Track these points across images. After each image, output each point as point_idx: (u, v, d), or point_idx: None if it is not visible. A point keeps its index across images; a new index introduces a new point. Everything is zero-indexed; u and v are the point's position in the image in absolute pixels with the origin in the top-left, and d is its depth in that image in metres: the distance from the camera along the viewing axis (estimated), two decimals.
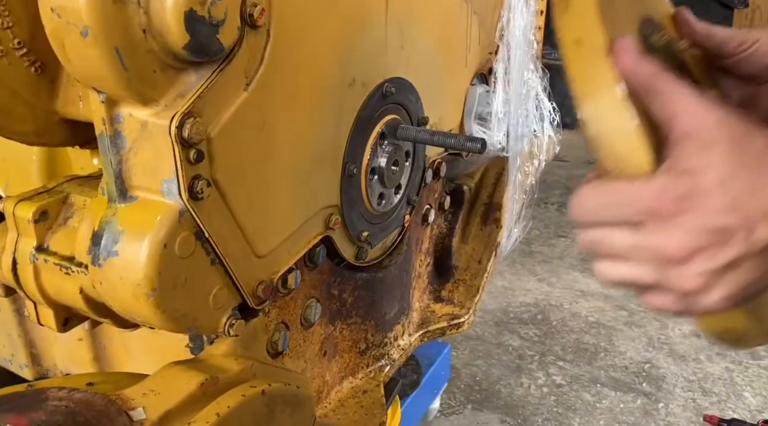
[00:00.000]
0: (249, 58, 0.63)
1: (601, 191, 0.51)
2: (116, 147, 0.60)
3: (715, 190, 0.48)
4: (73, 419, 0.58)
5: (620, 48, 0.52)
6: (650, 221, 0.49)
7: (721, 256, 0.48)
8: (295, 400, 0.69)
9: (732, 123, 0.49)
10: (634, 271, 0.51)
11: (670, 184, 0.48)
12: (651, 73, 0.51)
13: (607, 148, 0.53)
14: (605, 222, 0.52)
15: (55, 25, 0.53)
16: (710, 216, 0.48)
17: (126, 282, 0.60)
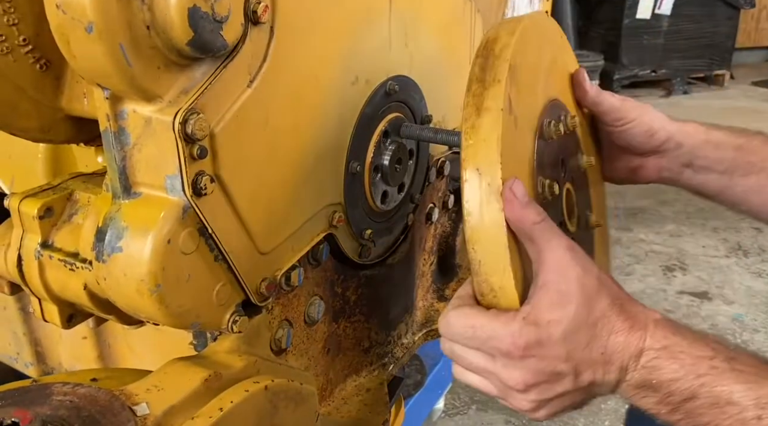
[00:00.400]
0: (252, 54, 0.63)
1: (467, 320, 0.61)
2: (120, 143, 0.61)
3: (558, 343, 0.58)
4: (77, 414, 0.58)
5: (509, 195, 0.59)
6: (501, 358, 0.60)
7: (551, 392, 0.61)
8: (298, 396, 0.70)
9: (586, 282, 0.60)
10: (482, 385, 0.64)
11: (524, 332, 0.58)
12: (532, 222, 0.59)
13: (484, 278, 0.61)
14: (466, 344, 0.62)
15: (60, 21, 0.53)
16: (549, 363, 0.59)
17: (130, 278, 0.61)
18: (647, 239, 3.47)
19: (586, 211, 0.87)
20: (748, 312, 2.82)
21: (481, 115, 0.62)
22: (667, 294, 2.96)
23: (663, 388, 0.58)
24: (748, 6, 6.42)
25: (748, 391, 0.55)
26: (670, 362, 0.58)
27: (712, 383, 0.57)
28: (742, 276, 3.10)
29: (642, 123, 0.86)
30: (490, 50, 0.67)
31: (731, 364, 0.57)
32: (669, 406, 0.59)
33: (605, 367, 0.60)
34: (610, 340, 0.59)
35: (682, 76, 6.44)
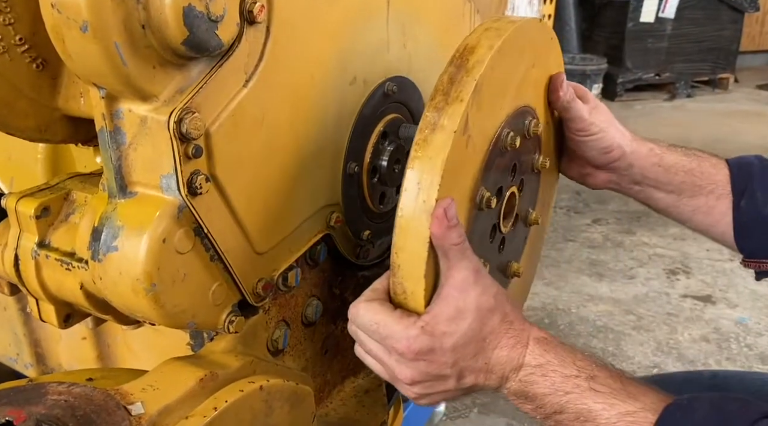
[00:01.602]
0: (248, 54, 0.63)
1: (374, 316, 0.68)
2: (116, 142, 0.61)
3: (447, 352, 0.66)
4: (72, 413, 0.58)
5: (440, 213, 0.64)
6: (395, 354, 0.67)
7: (433, 389, 0.69)
8: (294, 397, 0.69)
9: (483, 301, 0.67)
10: (377, 368, 0.71)
11: (419, 340, 0.65)
12: (451, 243, 0.65)
13: (399, 281, 0.68)
14: (368, 335, 0.69)
15: (55, 20, 0.54)
16: (437, 367, 0.67)
17: (125, 277, 0.61)
18: (650, 242, 3.46)
19: (529, 208, 0.89)
20: (752, 315, 2.81)
21: (436, 132, 0.65)
22: (670, 297, 2.95)
23: (537, 399, 0.67)
24: (753, 9, 6.41)
25: (602, 411, 0.64)
26: (543, 379, 0.66)
27: (575, 400, 0.65)
28: (746, 280, 3.08)
29: (601, 139, 0.90)
30: (464, 61, 0.68)
31: (590, 384, 0.65)
32: (542, 414, 0.68)
33: (486, 375, 0.68)
34: (494, 354, 0.68)
35: (686, 79, 6.43)
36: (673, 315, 2.81)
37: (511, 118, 0.76)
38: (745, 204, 0.91)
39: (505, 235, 0.84)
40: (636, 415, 0.63)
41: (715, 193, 0.92)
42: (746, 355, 2.55)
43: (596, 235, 3.54)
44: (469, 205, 0.72)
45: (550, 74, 0.86)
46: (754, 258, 0.93)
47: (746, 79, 7.10)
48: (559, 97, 0.86)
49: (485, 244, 0.79)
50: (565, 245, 3.45)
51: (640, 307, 2.87)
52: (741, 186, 0.91)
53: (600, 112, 0.91)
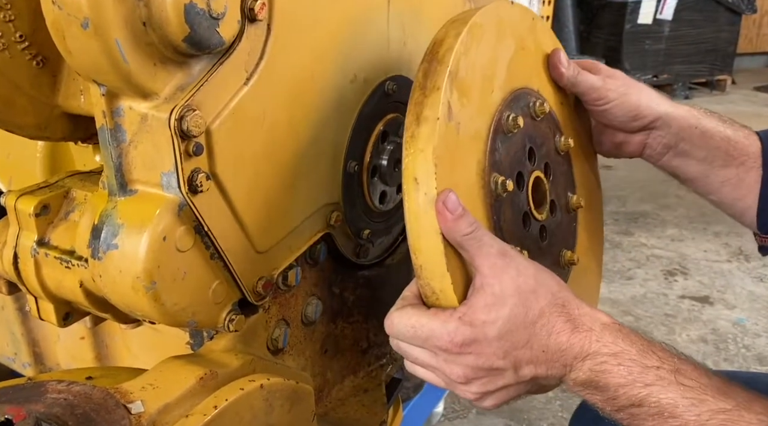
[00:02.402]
0: (249, 52, 0.63)
1: (409, 320, 0.65)
2: (116, 140, 0.61)
3: (494, 341, 0.62)
4: (71, 411, 0.58)
5: (441, 207, 0.62)
6: (441, 354, 0.64)
7: (492, 384, 0.64)
8: (294, 396, 0.69)
9: (521, 283, 0.62)
10: (430, 377, 0.67)
11: (460, 331, 0.62)
12: (462, 234, 0.62)
13: (426, 282, 0.65)
14: (410, 342, 0.66)
15: (55, 17, 0.53)
16: (487, 359, 0.62)
17: (125, 275, 0.60)
18: (648, 244, 3.46)
19: (567, 193, 0.87)
20: (750, 316, 2.81)
21: (420, 125, 0.64)
22: (668, 298, 2.95)
23: (610, 390, 0.61)
24: (750, 11, 6.42)
25: (691, 407, 0.58)
26: (619, 369, 0.60)
27: (658, 393, 0.59)
28: (744, 281, 3.09)
29: (624, 103, 0.87)
30: (435, 54, 0.68)
31: (677, 377, 0.59)
32: (613, 406, 0.62)
33: (548, 363, 0.63)
34: (551, 340, 0.62)
35: (684, 81, 6.44)
36: (671, 316, 2.82)
37: (509, 102, 0.75)
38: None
39: (545, 223, 0.81)
40: (731, 413, 0.57)
41: (746, 165, 0.89)
42: (744, 356, 2.55)
43: None
44: (483, 192, 0.70)
45: (547, 54, 0.85)
46: None
47: (744, 81, 7.12)
48: (561, 74, 0.85)
49: (520, 233, 0.76)
50: None
51: (638, 308, 2.87)
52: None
53: (616, 78, 0.88)
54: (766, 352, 2.57)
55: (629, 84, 0.88)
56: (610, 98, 0.87)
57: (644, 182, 4.12)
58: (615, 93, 0.87)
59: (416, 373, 0.68)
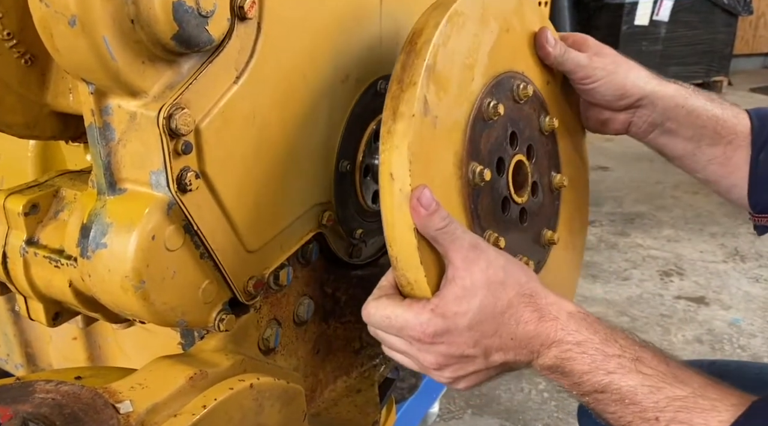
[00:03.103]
0: (239, 50, 0.63)
1: (384, 311, 0.67)
2: (105, 139, 0.60)
3: (464, 332, 0.65)
4: (59, 411, 0.57)
5: (415, 204, 0.64)
6: (415, 343, 0.67)
7: (463, 370, 0.67)
8: (284, 395, 0.69)
9: (491, 274, 0.65)
10: (406, 362, 0.70)
11: (432, 322, 0.64)
12: (436, 229, 0.64)
13: (401, 272, 0.67)
14: (386, 331, 0.69)
15: (42, 14, 0.53)
16: (458, 348, 0.65)
17: (114, 274, 0.60)
18: (644, 244, 3.46)
19: (551, 173, 0.88)
20: (745, 317, 2.82)
21: (396, 121, 0.65)
22: (664, 299, 2.95)
23: (574, 376, 0.64)
24: (746, 13, 6.44)
25: (649, 394, 0.61)
26: (582, 357, 0.64)
27: (619, 381, 0.62)
28: (740, 281, 3.09)
29: (611, 82, 0.87)
30: (413, 45, 0.68)
31: (636, 366, 0.62)
32: (579, 391, 0.65)
33: (516, 350, 0.66)
34: (519, 329, 0.65)
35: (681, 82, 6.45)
36: (667, 316, 2.82)
37: (491, 88, 0.75)
38: (764, 157, 0.88)
39: (526, 205, 0.82)
40: (686, 399, 0.60)
41: (733, 144, 0.90)
42: (739, 357, 2.55)
43: (590, 237, 3.55)
44: (461, 183, 0.71)
45: (533, 33, 0.85)
46: (766, 213, 0.91)
47: (740, 82, 7.13)
48: (548, 53, 0.85)
49: (498, 219, 0.78)
50: None
51: (633, 309, 2.87)
52: (761, 139, 0.89)
53: (604, 56, 0.88)
54: (762, 352, 2.58)
55: (618, 62, 0.88)
56: (597, 77, 0.87)
57: (640, 183, 4.12)
58: (602, 71, 0.87)
59: (393, 357, 0.72)
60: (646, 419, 0.61)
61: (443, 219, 0.64)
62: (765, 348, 2.60)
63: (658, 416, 0.60)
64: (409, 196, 0.64)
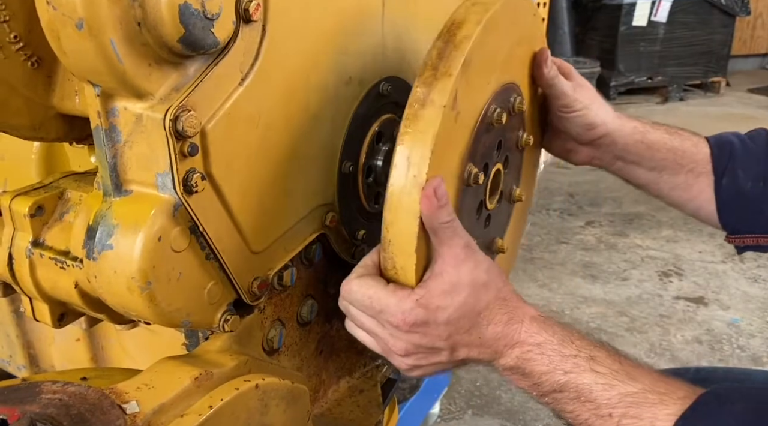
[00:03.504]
0: (244, 52, 0.63)
1: (367, 291, 0.68)
2: (111, 141, 0.61)
3: (441, 326, 0.67)
4: (66, 411, 0.58)
5: (430, 193, 0.64)
6: (390, 328, 0.68)
7: (426, 360, 0.70)
8: (289, 395, 0.69)
9: (476, 276, 0.68)
10: (368, 342, 0.72)
11: (414, 312, 0.66)
12: (441, 222, 0.65)
13: (390, 256, 0.68)
14: (362, 310, 0.70)
15: (50, 17, 0.53)
16: (430, 339, 0.68)
17: (120, 275, 0.61)
18: (643, 245, 3.47)
19: (513, 185, 0.91)
20: (744, 317, 2.82)
21: (425, 107, 0.65)
22: (663, 299, 2.96)
23: (534, 377, 0.68)
24: (744, 14, 6.45)
25: (603, 392, 0.65)
26: (541, 357, 0.67)
27: (575, 380, 0.66)
28: (738, 281, 3.10)
29: (584, 116, 0.92)
30: (452, 36, 0.69)
31: (591, 365, 0.66)
32: (539, 392, 0.68)
33: (481, 349, 0.69)
34: (489, 330, 0.69)
35: (679, 83, 6.47)
36: (666, 316, 2.83)
37: (497, 95, 0.77)
38: (726, 182, 0.94)
39: (491, 212, 0.85)
40: (636, 395, 0.64)
41: (694, 172, 0.96)
42: (738, 357, 2.56)
43: (589, 238, 3.55)
44: (457, 181, 0.73)
45: (534, 51, 0.87)
46: (737, 234, 0.97)
47: (738, 83, 7.15)
48: (543, 74, 0.88)
49: (472, 221, 0.80)
50: (558, 247, 3.45)
51: (633, 309, 2.88)
52: (722, 165, 0.94)
53: (584, 90, 0.92)
54: (761, 352, 2.58)
55: (593, 98, 0.93)
56: (576, 108, 0.92)
57: None
58: (581, 104, 0.91)
59: (354, 333, 0.74)
60: (601, 416, 0.64)
61: (450, 214, 0.66)
62: (764, 348, 2.60)
63: (611, 412, 0.64)
64: (422, 183, 0.64)
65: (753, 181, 0.93)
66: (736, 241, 0.98)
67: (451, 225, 0.66)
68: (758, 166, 0.93)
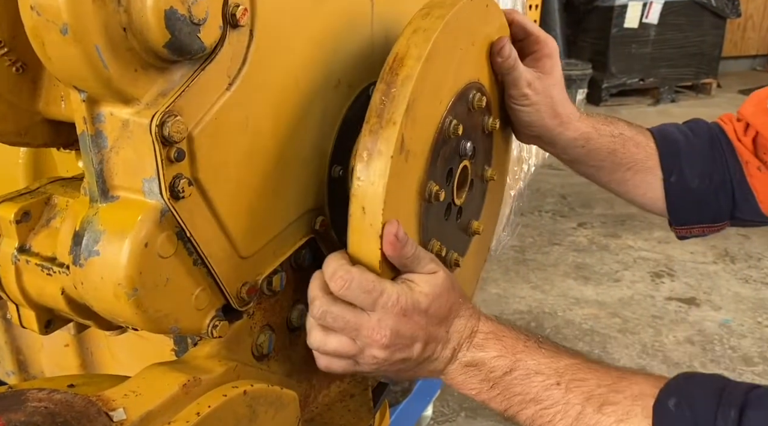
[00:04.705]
0: (232, 57, 0.63)
1: (369, 275, 0.69)
2: (97, 146, 0.60)
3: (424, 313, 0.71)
4: (52, 420, 0.57)
5: (391, 238, 0.68)
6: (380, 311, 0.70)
7: (398, 355, 0.71)
8: (278, 402, 0.69)
9: (447, 277, 0.73)
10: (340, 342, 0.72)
11: (407, 295, 0.70)
12: (407, 257, 0.71)
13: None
14: (360, 293, 0.69)
15: (34, 23, 0.53)
16: (412, 327, 0.70)
17: (107, 282, 0.60)
18: (635, 246, 3.48)
19: (485, 166, 0.91)
20: (736, 317, 2.84)
21: (373, 158, 0.68)
22: (655, 300, 2.97)
23: (487, 364, 0.72)
24: (734, 16, 6.49)
25: (551, 364, 0.70)
26: (496, 342, 0.72)
27: (525, 358, 0.71)
28: (730, 282, 3.12)
29: (527, 114, 0.95)
30: (395, 75, 0.70)
31: (539, 345, 0.72)
32: (490, 382, 0.71)
33: (444, 343, 0.73)
34: (454, 322, 0.73)
35: (670, 84, 6.50)
36: (658, 317, 2.84)
37: (453, 105, 0.78)
38: (674, 180, 1.00)
39: (463, 204, 0.86)
40: (579, 364, 0.70)
41: (632, 170, 1.01)
42: (730, 357, 2.57)
43: (582, 239, 3.56)
44: (418, 202, 0.75)
45: (492, 41, 0.88)
46: (685, 225, 1.05)
47: (729, 84, 7.19)
48: (497, 64, 0.89)
49: (441, 223, 0.82)
50: (551, 249, 3.46)
51: (625, 310, 2.89)
52: (669, 164, 1.00)
53: (542, 82, 0.93)
54: (752, 352, 2.59)
55: (546, 98, 0.93)
56: (522, 103, 0.93)
57: None
58: (527, 100, 0.93)
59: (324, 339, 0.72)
60: (548, 386, 0.69)
61: (412, 247, 0.71)
62: (755, 348, 2.62)
63: (558, 381, 0.68)
64: (378, 231, 0.68)
65: (699, 178, 0.99)
66: (683, 231, 1.06)
67: (414, 255, 0.71)
68: (703, 164, 0.98)
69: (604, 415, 0.65)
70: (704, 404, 0.61)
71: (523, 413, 0.70)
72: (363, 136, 0.69)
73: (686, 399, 0.62)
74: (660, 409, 0.62)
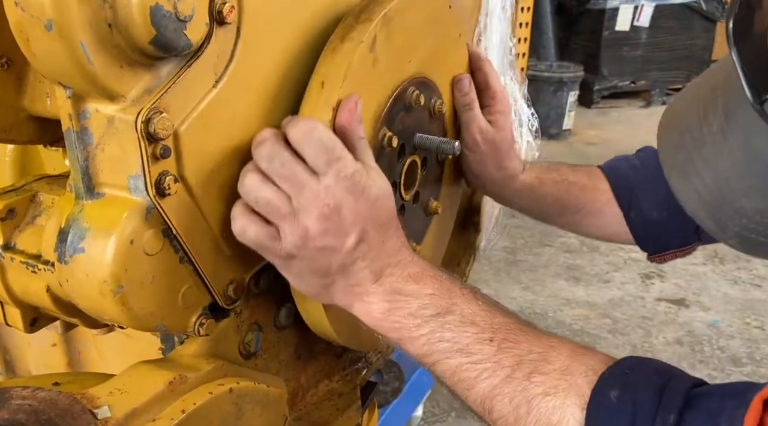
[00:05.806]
0: (218, 55, 0.63)
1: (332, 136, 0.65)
2: (83, 143, 0.60)
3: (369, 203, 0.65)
4: (36, 417, 0.57)
5: (351, 106, 0.67)
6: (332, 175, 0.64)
7: (325, 240, 0.64)
8: (265, 400, 0.69)
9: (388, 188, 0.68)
10: (276, 197, 0.64)
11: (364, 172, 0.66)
12: (358, 137, 0.67)
13: None
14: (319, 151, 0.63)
15: (18, 18, 0.53)
16: (352, 214, 0.64)
17: (92, 279, 0.60)
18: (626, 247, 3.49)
19: (431, 198, 0.92)
20: (724, 318, 2.86)
21: (344, 42, 0.69)
22: (645, 301, 2.99)
23: (419, 299, 0.66)
24: (724, 19, 6.53)
25: (486, 318, 0.65)
26: (431, 280, 0.67)
27: (462, 304, 0.66)
28: (719, 283, 3.14)
29: (466, 160, 0.96)
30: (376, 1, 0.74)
31: (475, 295, 0.68)
32: (417, 319, 0.66)
33: (377, 252, 0.67)
34: (392, 238, 0.68)
35: (661, 86, 6.53)
36: (648, 318, 2.85)
37: (418, 82, 0.80)
38: (634, 215, 1.00)
39: (405, 203, 0.86)
40: (512, 324, 0.65)
41: (581, 213, 1.02)
42: (719, 358, 2.59)
43: (573, 240, 3.57)
44: (371, 139, 0.74)
45: (455, 75, 0.90)
46: (656, 254, 1.05)
47: None
48: (456, 98, 0.91)
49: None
50: (542, 250, 3.47)
51: (615, 311, 2.90)
52: (626, 200, 1.00)
53: (491, 139, 0.93)
54: (740, 353, 2.61)
55: (493, 149, 0.94)
56: (469, 146, 0.94)
57: None
58: (470, 149, 0.94)
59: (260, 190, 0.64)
60: (482, 340, 0.64)
61: (364, 132, 0.68)
62: (743, 349, 2.63)
63: (492, 337, 0.64)
64: (332, 104, 0.67)
65: (657, 210, 0.98)
66: (657, 259, 1.06)
67: (364, 142, 0.68)
68: (657, 196, 0.97)
69: (532, 383, 0.60)
70: (646, 403, 0.56)
71: (445, 363, 0.65)
72: (335, 33, 0.71)
73: (630, 393, 0.57)
74: (599, 397, 0.58)
